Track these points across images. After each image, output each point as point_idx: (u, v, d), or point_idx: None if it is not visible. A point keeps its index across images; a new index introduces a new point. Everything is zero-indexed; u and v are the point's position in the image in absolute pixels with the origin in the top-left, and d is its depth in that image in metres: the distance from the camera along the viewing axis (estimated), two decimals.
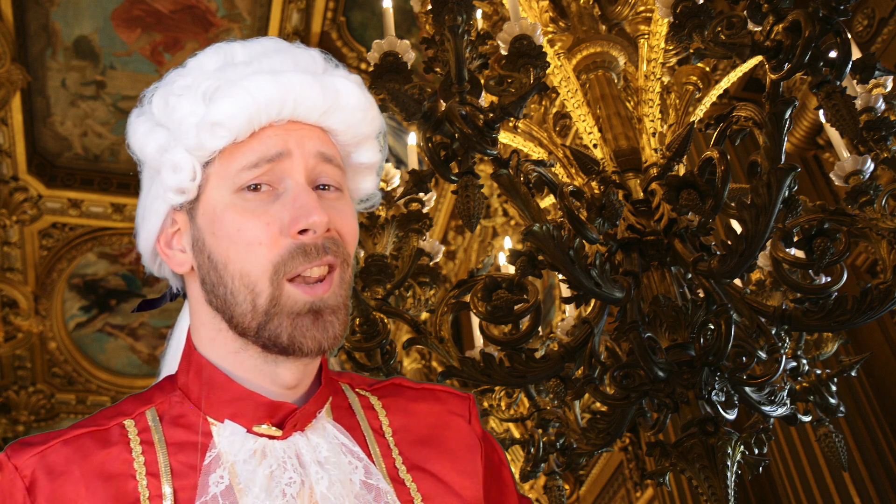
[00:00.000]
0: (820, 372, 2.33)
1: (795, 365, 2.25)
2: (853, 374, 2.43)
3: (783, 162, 1.80)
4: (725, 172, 1.86)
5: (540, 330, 2.14)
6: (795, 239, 1.90)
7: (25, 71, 6.81)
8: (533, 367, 1.96)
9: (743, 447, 1.97)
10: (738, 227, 2.32)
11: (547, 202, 2.44)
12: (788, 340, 2.18)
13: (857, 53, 1.94)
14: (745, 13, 1.87)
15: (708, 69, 2.38)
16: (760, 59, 1.94)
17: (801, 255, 1.94)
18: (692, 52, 2.07)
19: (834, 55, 1.80)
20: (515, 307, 1.90)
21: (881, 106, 2.16)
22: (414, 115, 1.84)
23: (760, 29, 1.86)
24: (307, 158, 1.02)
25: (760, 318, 1.97)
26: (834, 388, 2.32)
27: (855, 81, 2.10)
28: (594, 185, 2.16)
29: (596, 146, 2.32)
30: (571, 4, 2.53)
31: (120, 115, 7.34)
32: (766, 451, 2.11)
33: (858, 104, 2.12)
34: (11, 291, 8.37)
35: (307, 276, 0.99)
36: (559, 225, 1.85)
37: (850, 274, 2.04)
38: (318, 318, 0.99)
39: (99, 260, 8.59)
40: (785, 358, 1.97)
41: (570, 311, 2.76)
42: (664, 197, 1.97)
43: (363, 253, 2.25)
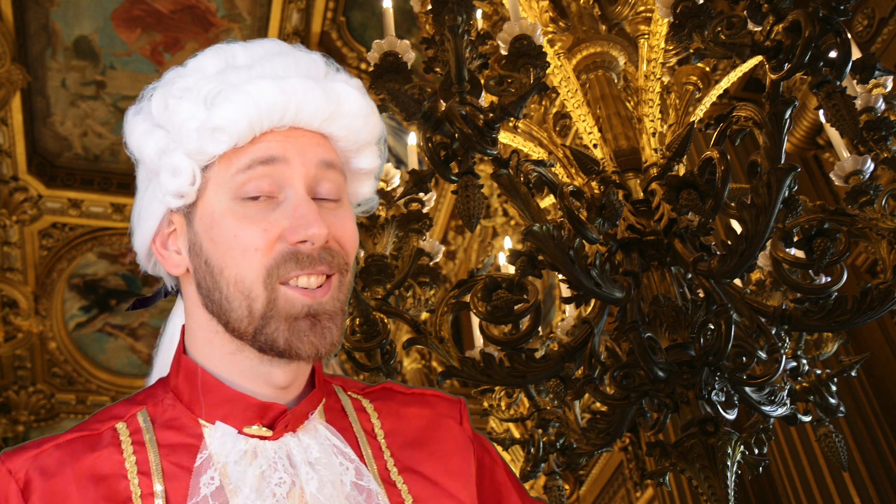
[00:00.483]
0: (820, 372, 2.32)
1: (795, 365, 2.25)
2: (853, 374, 2.43)
3: (783, 162, 1.79)
4: (725, 172, 1.86)
5: (540, 330, 2.14)
6: (795, 239, 1.90)
7: (25, 71, 6.80)
8: (533, 367, 1.96)
9: (743, 447, 1.97)
10: (738, 227, 2.31)
11: (547, 202, 2.44)
12: (788, 340, 2.18)
13: (857, 53, 1.94)
14: (745, 13, 1.87)
15: (708, 69, 2.38)
16: (760, 59, 1.94)
17: (801, 255, 1.94)
18: (692, 52, 2.07)
19: (834, 55, 1.80)
20: (515, 307, 1.90)
21: (881, 106, 2.16)
22: (414, 115, 1.83)
23: (760, 29, 1.86)
24: (308, 168, 1.02)
25: (760, 318, 1.97)
26: (834, 388, 2.32)
27: (855, 81, 2.10)
28: (594, 185, 2.16)
29: (596, 146, 2.32)
30: (571, 4, 2.53)
31: (120, 115, 7.33)
32: (766, 451, 2.11)
33: (858, 104, 2.12)
34: (11, 291, 8.37)
35: (305, 286, 0.98)
36: (559, 225, 1.85)
37: (850, 274, 2.04)
38: (315, 323, 0.98)
39: (99, 260, 8.59)
40: (785, 358, 1.97)
41: (570, 311, 2.76)
42: (664, 197, 1.97)
43: (363, 253, 2.25)
